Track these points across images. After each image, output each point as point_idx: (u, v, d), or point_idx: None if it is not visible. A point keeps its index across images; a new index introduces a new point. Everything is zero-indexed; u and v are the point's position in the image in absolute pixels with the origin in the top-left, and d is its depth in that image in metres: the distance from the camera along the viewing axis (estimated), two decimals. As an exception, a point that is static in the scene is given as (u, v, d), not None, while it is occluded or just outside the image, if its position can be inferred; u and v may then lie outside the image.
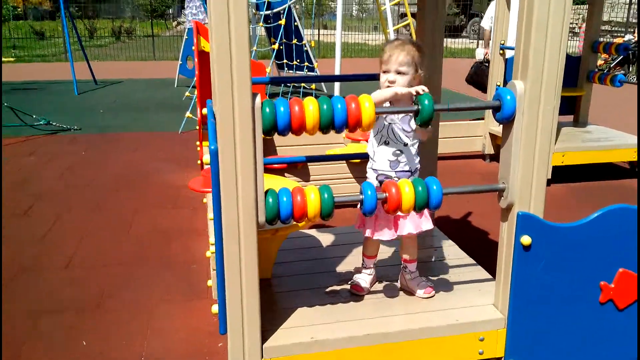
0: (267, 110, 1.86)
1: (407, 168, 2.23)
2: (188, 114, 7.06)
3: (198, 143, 4.96)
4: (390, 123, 2.20)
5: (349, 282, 2.37)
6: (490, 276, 2.46)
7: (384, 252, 2.64)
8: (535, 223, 2.02)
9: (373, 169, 2.28)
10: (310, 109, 1.87)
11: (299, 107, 1.87)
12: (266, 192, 1.92)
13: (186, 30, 11.15)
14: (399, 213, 2.04)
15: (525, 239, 2.01)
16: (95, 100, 9.71)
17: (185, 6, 9.62)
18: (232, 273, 1.89)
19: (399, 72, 2.14)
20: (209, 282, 2.89)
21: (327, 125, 1.90)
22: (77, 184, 5.04)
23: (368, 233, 2.23)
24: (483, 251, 2.83)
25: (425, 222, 2.22)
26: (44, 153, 6.11)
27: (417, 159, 2.28)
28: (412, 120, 2.16)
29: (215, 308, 1.98)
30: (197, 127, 5.21)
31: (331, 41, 18.12)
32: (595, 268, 2.09)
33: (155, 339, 2.68)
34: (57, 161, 5.80)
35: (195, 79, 9.27)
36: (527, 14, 1.92)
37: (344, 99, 1.91)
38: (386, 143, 2.22)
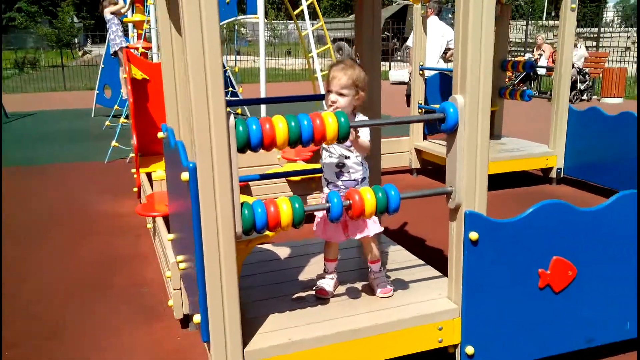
0: (241, 128, 2.00)
1: (352, 178, 2.45)
2: (114, 142, 6.97)
3: (134, 171, 4.98)
4: None
5: (314, 288, 2.53)
6: (439, 273, 2.69)
7: (346, 257, 2.83)
8: (481, 220, 2.27)
9: (324, 179, 2.50)
10: (280, 126, 2.04)
11: (270, 124, 2.03)
12: (242, 205, 2.06)
13: (102, 58, 11.00)
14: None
15: (473, 235, 2.26)
16: (10, 134, 9.35)
17: (111, 35, 9.49)
18: (214, 282, 2.01)
19: (340, 94, 2.36)
20: (170, 302, 2.95)
21: (295, 141, 2.07)
22: (11, 218, 4.89)
23: (320, 236, 2.46)
24: (428, 252, 3.08)
25: (372, 226, 2.42)
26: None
27: (362, 170, 2.49)
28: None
29: (197, 318, 2.08)
30: (132, 155, 5.21)
31: (247, 67, 18.33)
32: (533, 257, 2.36)
33: (121, 360, 2.72)
34: (-20, 196, 5.59)
35: (114, 107, 9.24)
36: (463, 39, 2.18)
37: (309, 116, 2.09)
38: (330, 156, 2.44)
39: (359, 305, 2.44)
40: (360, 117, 2.49)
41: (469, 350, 2.35)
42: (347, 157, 2.44)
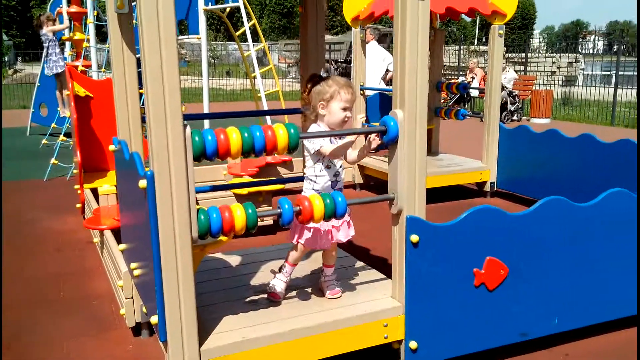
0: (197, 138, 2.12)
1: (341, 185, 2.65)
2: (54, 160, 6.86)
3: (77, 187, 4.95)
4: None
5: (267, 290, 2.64)
6: (383, 275, 2.86)
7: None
8: (421, 224, 2.46)
9: (314, 190, 2.60)
10: (234, 137, 2.17)
11: (224, 135, 2.16)
12: (198, 210, 2.16)
13: (38, 76, 10.80)
14: (335, 222, 2.50)
15: (414, 237, 2.44)
16: (-61, 153, 9.01)
17: (54, 56, 9.33)
18: (171, 284, 2.10)
19: (350, 109, 2.58)
20: (122, 311, 2.99)
21: (248, 150, 2.20)
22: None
23: (304, 241, 2.56)
24: (373, 258, 3.25)
25: (351, 231, 2.64)
26: None
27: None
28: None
29: (154, 319, 2.16)
30: (75, 172, 5.18)
31: (187, 87, 18.27)
32: (468, 258, 2.57)
33: (73, 370, 2.74)
34: None
35: (51, 125, 9.08)
36: (401, 61, 2.38)
37: (262, 127, 2.23)
38: (328, 167, 2.59)
39: (309, 305, 2.57)
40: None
41: (413, 345, 2.52)
42: (341, 167, 2.64)
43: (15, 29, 49.82)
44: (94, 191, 4.65)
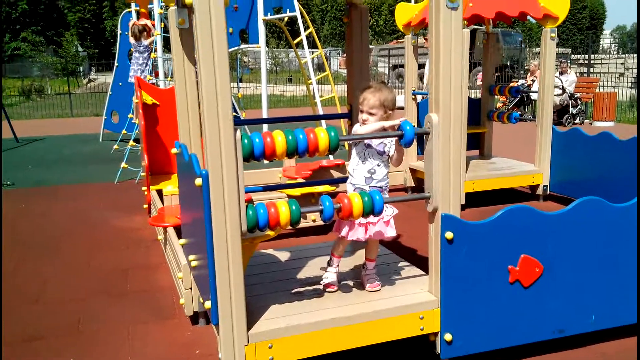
0: (246, 141, 2.35)
1: (378, 185, 2.79)
2: (124, 164, 7.33)
3: (145, 188, 5.32)
4: (369, 145, 2.75)
5: (321, 282, 2.86)
6: (422, 272, 3.01)
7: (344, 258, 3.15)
8: (455, 221, 2.60)
9: (351, 184, 2.82)
10: (279, 139, 2.39)
11: (271, 138, 2.38)
12: (247, 206, 2.39)
13: (110, 85, 11.43)
14: (371, 219, 2.66)
15: (449, 234, 2.59)
16: (21, 157, 9.72)
17: (135, 61, 9.83)
18: (222, 273, 2.33)
19: (370, 113, 2.73)
20: (182, 300, 3.27)
21: (292, 152, 2.41)
22: (27, 233, 5.23)
23: (344, 233, 2.75)
24: (413, 255, 3.39)
25: (389, 230, 2.77)
26: (-19, 208, 6.20)
27: (386, 180, 2.84)
28: (386, 146, 2.76)
29: (208, 304, 2.39)
30: (142, 175, 5.55)
31: (249, 94, 18.80)
32: (503, 255, 2.69)
33: (138, 353, 3.02)
34: (-3, 214, 5.93)
35: (122, 132, 9.61)
36: (436, 68, 2.53)
37: (304, 130, 2.44)
38: (363, 162, 2.77)
39: (350, 297, 2.76)
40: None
41: (448, 337, 2.66)
42: (378, 165, 2.79)
43: (89, 40, 52.37)
44: (160, 192, 5.00)
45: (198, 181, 2.31)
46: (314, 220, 4.72)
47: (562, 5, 5.47)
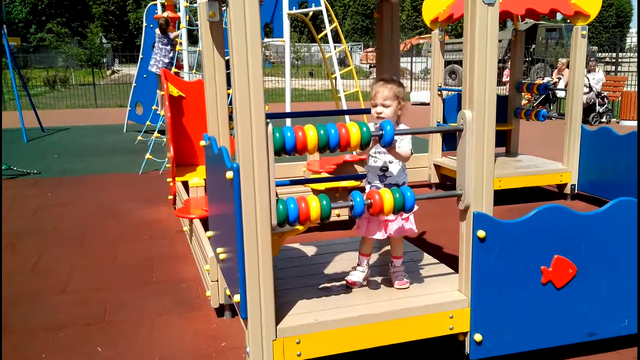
0: (277, 135, 2.33)
1: (393, 182, 2.76)
2: (148, 155, 7.38)
3: (170, 180, 5.34)
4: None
5: (346, 278, 2.83)
6: (451, 270, 2.97)
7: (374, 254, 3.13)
8: (487, 220, 2.56)
9: (367, 182, 2.81)
10: (311, 134, 2.36)
11: (302, 132, 2.36)
12: (277, 200, 2.37)
13: (135, 77, 11.51)
14: (390, 216, 2.59)
15: (481, 233, 2.54)
16: (47, 147, 9.84)
17: (156, 53, 9.86)
18: (252, 267, 2.32)
19: (384, 105, 2.69)
20: (208, 293, 3.27)
21: (324, 147, 2.39)
22: (52, 223, 5.28)
23: (363, 233, 2.73)
24: (442, 253, 3.36)
25: (409, 226, 2.75)
26: (8, 196, 6.27)
27: (403, 176, 2.81)
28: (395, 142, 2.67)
29: (237, 297, 2.38)
30: (167, 166, 5.57)
31: (271, 87, 18.83)
32: (536, 255, 2.64)
33: (164, 344, 3.02)
34: (25, 203, 6.00)
35: (146, 123, 9.67)
36: (470, 64, 2.48)
37: (336, 125, 2.41)
38: (375, 161, 2.76)
39: (378, 294, 2.73)
40: (402, 127, 2.79)
41: (477, 337, 2.62)
42: (391, 162, 2.76)
43: (113, 32, 52.86)
44: (185, 184, 5.01)
45: (229, 174, 2.30)
46: (338, 215, 4.69)
47: (594, 3, 5.37)
